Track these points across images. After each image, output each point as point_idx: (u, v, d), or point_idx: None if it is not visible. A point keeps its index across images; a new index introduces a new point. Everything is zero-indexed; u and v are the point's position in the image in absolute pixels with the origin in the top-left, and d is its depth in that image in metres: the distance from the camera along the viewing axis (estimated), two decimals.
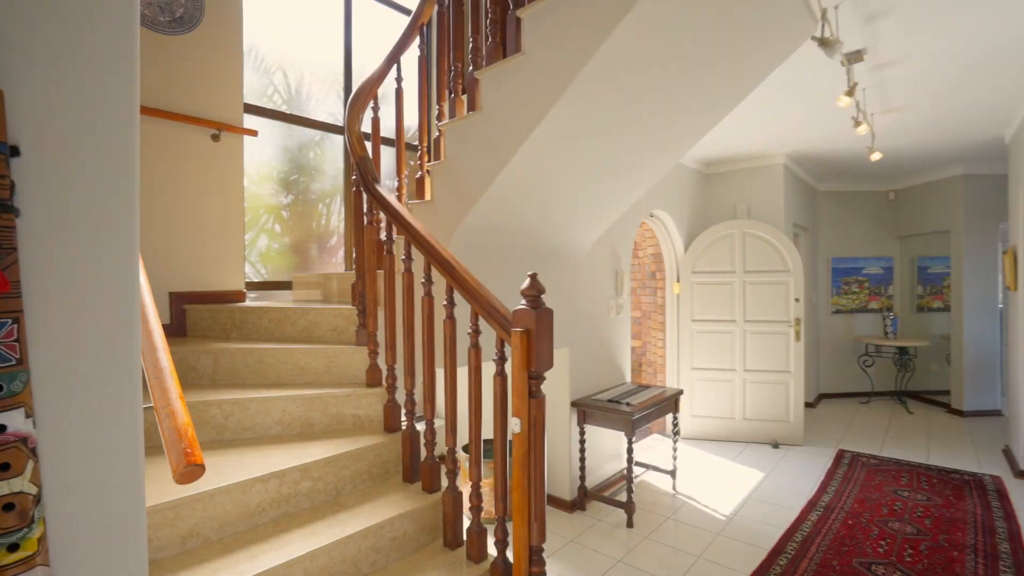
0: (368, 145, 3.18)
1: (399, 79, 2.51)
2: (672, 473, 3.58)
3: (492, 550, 2.52)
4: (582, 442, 3.27)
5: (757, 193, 5.02)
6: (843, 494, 3.40)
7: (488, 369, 3.46)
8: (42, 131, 0.54)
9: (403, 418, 2.02)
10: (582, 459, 3.27)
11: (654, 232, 4.82)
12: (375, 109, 2.46)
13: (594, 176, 2.50)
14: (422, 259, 2.66)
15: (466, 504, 3.04)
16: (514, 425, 1.44)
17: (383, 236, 2.37)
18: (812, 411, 5.61)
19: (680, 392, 3.59)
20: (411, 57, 3.69)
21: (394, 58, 2.47)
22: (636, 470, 3.90)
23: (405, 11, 3.76)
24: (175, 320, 2.46)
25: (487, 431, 3.72)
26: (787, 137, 4.31)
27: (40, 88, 0.53)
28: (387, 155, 3.63)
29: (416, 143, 2.57)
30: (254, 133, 2.75)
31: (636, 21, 1.69)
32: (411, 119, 3.58)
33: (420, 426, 2.43)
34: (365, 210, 2.17)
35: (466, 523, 2.97)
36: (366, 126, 3.29)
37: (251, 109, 2.89)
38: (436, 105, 2.52)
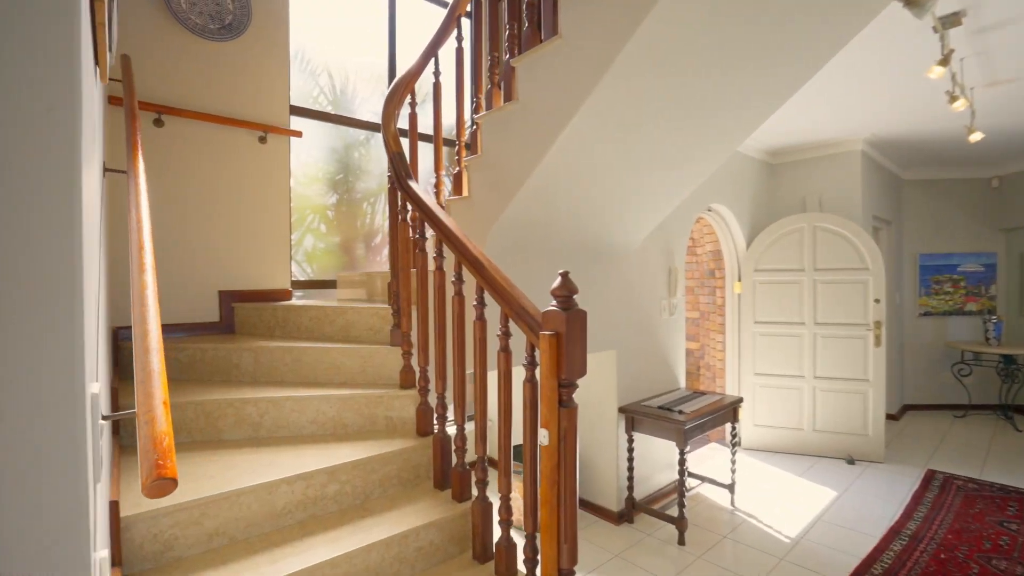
0: (407, 143, 3.16)
1: (437, 73, 2.46)
2: (730, 487, 3.31)
3: (523, 567, 2.41)
4: (630, 451, 3.08)
5: (831, 183, 4.57)
6: (933, 522, 2.99)
7: (520, 374, 3.35)
8: None
9: (435, 421, 1.96)
10: (630, 468, 3.09)
11: (712, 227, 4.50)
12: (412, 105, 2.42)
13: (640, 167, 2.32)
14: (454, 258, 2.60)
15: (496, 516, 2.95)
16: (542, 437, 1.32)
17: (416, 234, 2.31)
18: (895, 424, 5.06)
19: (740, 400, 3.31)
20: (449, 51, 3.65)
21: (431, 52, 2.41)
22: (690, 482, 3.65)
23: (448, 6, 3.72)
24: (224, 318, 2.54)
25: (517, 437, 3.61)
26: (866, 120, 3.87)
27: None
28: (428, 152, 3.61)
29: (457, 139, 2.50)
30: (299, 134, 2.79)
31: None
32: (451, 116, 3.53)
33: (453, 430, 2.37)
34: (399, 207, 2.12)
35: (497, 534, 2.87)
36: (404, 122, 3.28)
37: (297, 111, 2.95)
38: (473, 98, 2.44)
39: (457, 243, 1.71)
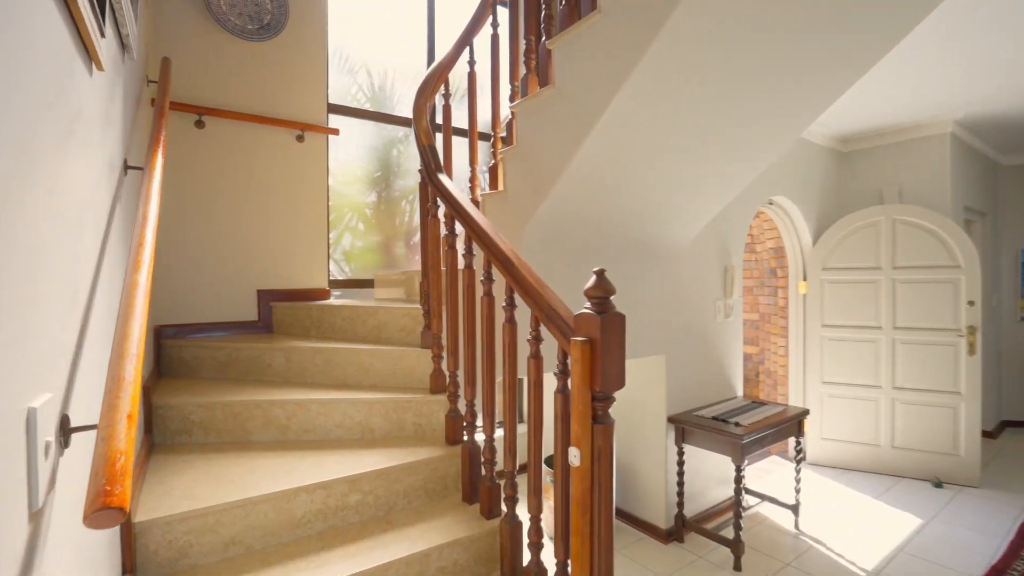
0: (444, 140, 3.07)
1: (471, 62, 2.34)
2: (794, 508, 2.99)
3: None
4: (680, 464, 2.85)
5: (913, 172, 4.09)
6: None
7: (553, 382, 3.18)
8: None
9: (465, 430, 1.84)
10: (680, 483, 2.85)
11: (774, 222, 4.14)
12: (446, 96, 2.32)
13: (690, 154, 2.11)
14: (484, 255, 2.48)
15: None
16: (573, 457, 1.17)
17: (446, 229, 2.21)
18: (992, 443, 4.47)
19: (805, 412, 2.99)
20: (485, 40, 3.53)
21: (466, 40, 2.30)
22: (747, 499, 3.35)
23: None
24: (262, 317, 2.55)
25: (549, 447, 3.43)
26: (959, 97, 3.41)
27: None
28: (466, 148, 3.51)
29: (493, 131, 2.37)
30: (336, 132, 2.77)
31: None
32: (488, 111, 3.42)
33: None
34: (429, 202, 2.03)
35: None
36: (449, 115, 3.19)
37: (335, 109, 2.93)
38: (510, 86, 2.31)
39: (485, 238, 1.58)
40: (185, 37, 2.35)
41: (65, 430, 0.69)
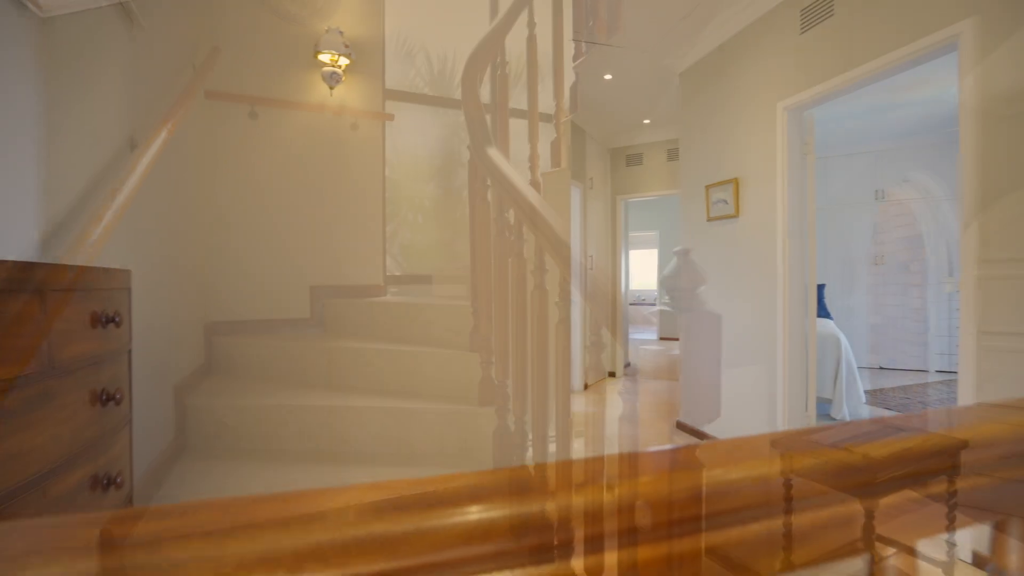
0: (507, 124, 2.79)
1: (531, 24, 2.05)
2: (946, 567, 2.34)
3: None
4: (788, 500, 2.33)
5: None
6: None
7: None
8: None
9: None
10: (786, 521, 2.33)
11: (908, 205, 3.40)
12: (501, 65, 2.05)
13: None
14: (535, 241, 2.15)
15: None
16: (642, 514, 0.83)
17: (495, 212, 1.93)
18: None
19: (963, 444, 2.32)
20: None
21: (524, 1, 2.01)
22: (879, 548, 2.71)
23: None
24: (315, 314, 2.45)
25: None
26: None
27: None
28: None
29: (556, 98, 2.05)
30: (390, 117, 2.61)
31: None
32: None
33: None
34: (478, 182, 1.76)
35: None
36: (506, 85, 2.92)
37: (391, 94, 2.77)
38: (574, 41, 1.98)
39: (536, 218, 1.28)
40: (240, 28, 2.29)
41: None
